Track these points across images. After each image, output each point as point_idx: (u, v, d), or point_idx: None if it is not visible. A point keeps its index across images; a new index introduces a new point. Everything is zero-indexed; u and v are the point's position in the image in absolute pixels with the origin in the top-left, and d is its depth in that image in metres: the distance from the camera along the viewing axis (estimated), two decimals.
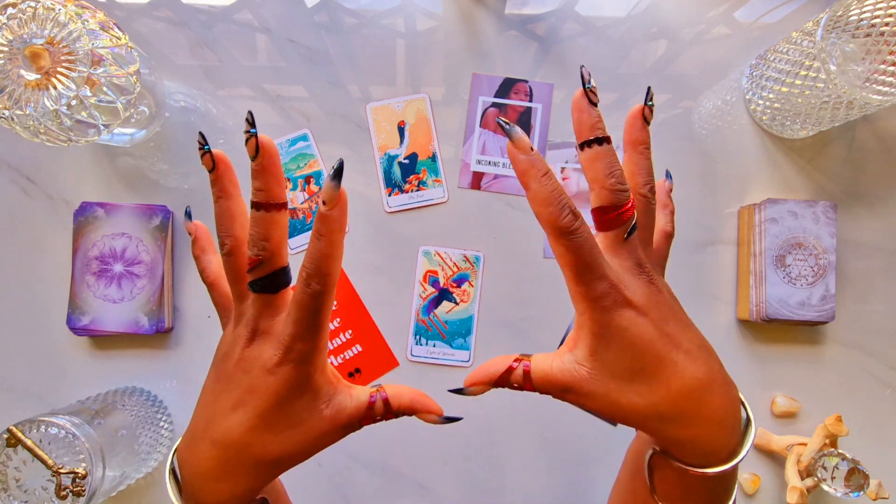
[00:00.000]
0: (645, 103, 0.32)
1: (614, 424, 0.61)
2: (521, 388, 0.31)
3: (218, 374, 0.31)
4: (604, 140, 0.30)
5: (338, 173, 0.27)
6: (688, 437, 0.30)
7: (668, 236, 0.37)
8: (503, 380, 0.32)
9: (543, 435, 0.61)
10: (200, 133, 0.31)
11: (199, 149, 0.30)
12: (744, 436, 0.31)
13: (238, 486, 0.30)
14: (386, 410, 0.31)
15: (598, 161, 0.30)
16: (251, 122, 0.29)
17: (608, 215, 0.30)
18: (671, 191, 0.40)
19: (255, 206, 0.29)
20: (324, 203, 0.27)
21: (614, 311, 0.29)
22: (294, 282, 0.30)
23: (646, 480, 0.34)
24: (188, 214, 0.37)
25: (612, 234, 0.30)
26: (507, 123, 0.29)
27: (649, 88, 0.33)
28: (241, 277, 0.31)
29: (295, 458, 0.31)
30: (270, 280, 0.29)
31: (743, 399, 0.32)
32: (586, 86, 0.30)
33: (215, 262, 0.36)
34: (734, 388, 0.32)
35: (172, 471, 0.32)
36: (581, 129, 0.31)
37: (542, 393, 0.31)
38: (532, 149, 0.29)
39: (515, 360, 0.31)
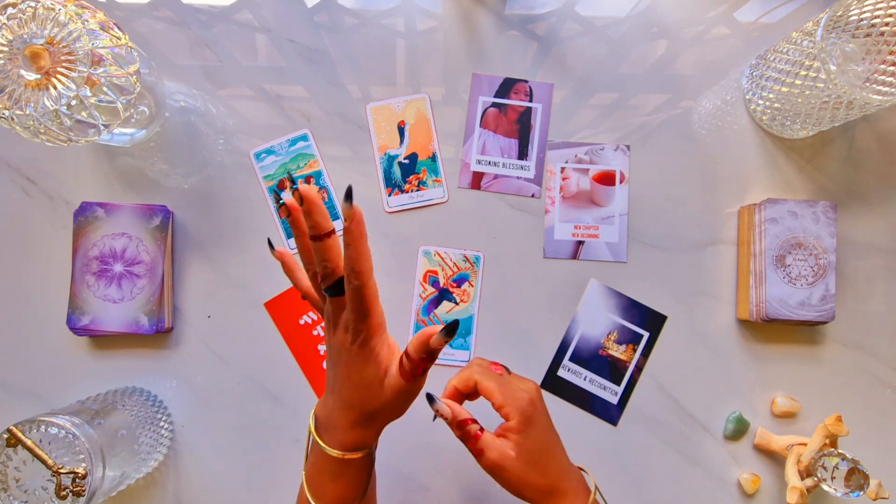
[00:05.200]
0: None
1: None
2: (467, 443, 0.44)
3: (329, 357, 0.42)
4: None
5: (348, 195, 0.35)
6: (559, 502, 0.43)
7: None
8: (462, 425, 0.43)
9: None
10: (282, 204, 0.40)
11: (278, 203, 0.38)
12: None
13: (358, 432, 0.41)
14: (410, 361, 0.39)
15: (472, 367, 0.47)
16: (292, 181, 0.38)
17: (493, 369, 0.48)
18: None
19: (313, 238, 0.38)
20: (344, 220, 0.36)
21: (532, 418, 0.44)
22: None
23: None
24: (271, 244, 0.45)
25: (505, 376, 0.47)
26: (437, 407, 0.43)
27: None
28: (320, 289, 0.42)
29: (386, 414, 0.41)
30: (335, 287, 0.39)
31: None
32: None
33: (304, 278, 0.45)
34: (573, 467, 0.46)
35: (313, 422, 0.43)
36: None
37: (475, 453, 0.44)
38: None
39: (475, 423, 0.43)
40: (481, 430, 0.43)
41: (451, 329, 0.37)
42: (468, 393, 0.46)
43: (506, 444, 0.43)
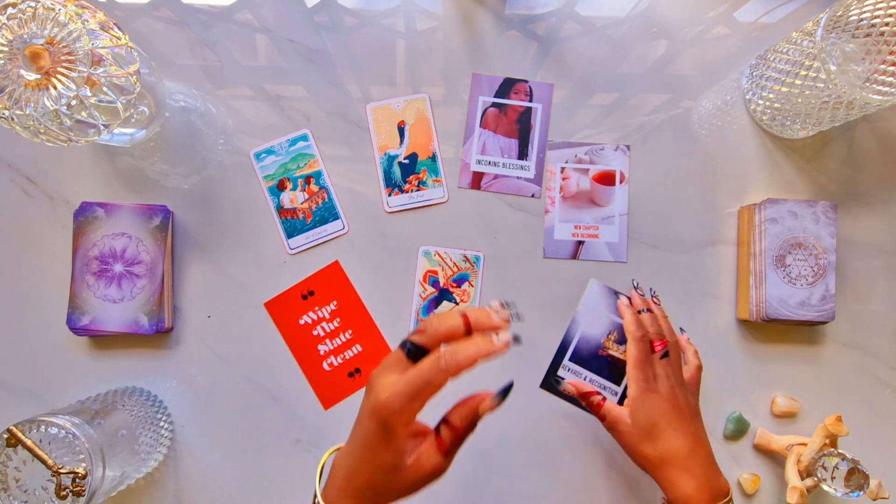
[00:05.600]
0: (652, 296, 0.60)
1: None
2: (592, 410, 0.54)
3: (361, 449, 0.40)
4: (649, 310, 0.56)
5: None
6: (670, 483, 0.49)
7: (699, 368, 0.57)
8: (585, 396, 0.54)
9: (542, 438, 0.61)
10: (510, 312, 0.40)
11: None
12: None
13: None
14: (452, 431, 0.37)
15: (645, 320, 0.55)
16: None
17: (653, 345, 0.53)
18: (688, 339, 0.59)
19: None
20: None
21: (644, 391, 0.51)
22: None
23: None
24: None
25: (657, 355, 0.53)
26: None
27: (635, 284, 0.60)
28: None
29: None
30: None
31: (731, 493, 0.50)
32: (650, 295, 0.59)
33: None
34: (704, 467, 0.49)
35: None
36: (636, 301, 0.57)
37: (599, 418, 0.54)
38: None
39: (598, 394, 0.54)
40: (604, 399, 0.53)
41: (506, 391, 0.36)
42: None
43: (624, 411, 0.52)
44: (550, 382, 0.61)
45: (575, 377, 0.61)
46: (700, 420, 0.52)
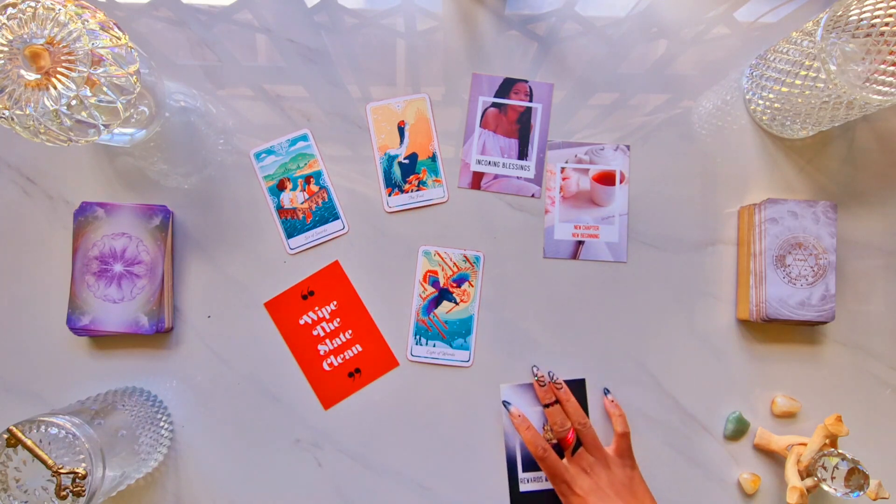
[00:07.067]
0: (553, 381, 0.60)
1: None
2: None
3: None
4: (552, 403, 0.58)
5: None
6: None
7: (623, 435, 0.58)
8: None
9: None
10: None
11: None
12: None
13: None
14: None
15: (551, 415, 0.58)
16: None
17: (561, 444, 0.57)
18: (613, 401, 0.60)
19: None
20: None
21: (570, 498, 0.55)
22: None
23: None
24: (507, 404, 0.60)
25: (568, 451, 0.57)
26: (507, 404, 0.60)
27: (534, 369, 0.61)
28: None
29: None
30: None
31: None
32: (542, 383, 0.59)
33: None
34: None
35: None
36: (539, 394, 0.59)
37: None
38: (520, 415, 0.59)
39: None
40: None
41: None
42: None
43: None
44: None
45: (539, 483, 0.60)
46: (636, 485, 0.55)
